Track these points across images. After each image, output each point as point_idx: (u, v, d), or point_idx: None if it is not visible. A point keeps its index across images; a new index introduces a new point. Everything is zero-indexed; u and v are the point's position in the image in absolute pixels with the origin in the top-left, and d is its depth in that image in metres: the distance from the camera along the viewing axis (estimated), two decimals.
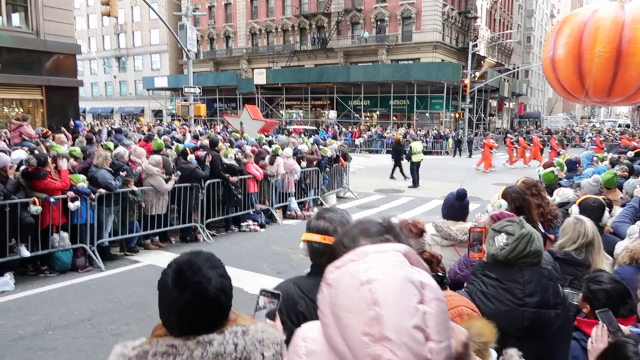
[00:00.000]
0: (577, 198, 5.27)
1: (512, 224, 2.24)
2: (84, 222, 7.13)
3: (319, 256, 1.93)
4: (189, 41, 19.98)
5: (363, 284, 0.93)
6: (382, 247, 1.03)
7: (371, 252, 1.01)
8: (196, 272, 1.33)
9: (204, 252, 1.42)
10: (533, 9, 72.52)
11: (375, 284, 0.93)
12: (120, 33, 58.03)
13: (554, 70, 8.08)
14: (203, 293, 1.31)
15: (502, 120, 57.86)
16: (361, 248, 1.04)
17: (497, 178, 17.36)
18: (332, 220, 1.94)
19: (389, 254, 1.01)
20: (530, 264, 2.18)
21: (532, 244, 2.17)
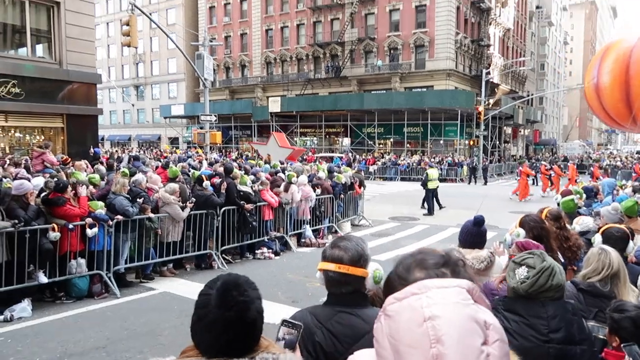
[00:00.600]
0: (597, 227, 5.18)
1: (533, 256, 2.20)
2: (101, 249, 7.20)
3: (334, 285, 1.94)
4: (205, 70, 20.43)
5: (426, 320, 0.91)
6: (445, 282, 1.01)
7: (434, 286, 0.99)
8: (242, 292, 1.37)
9: (242, 275, 1.47)
10: (546, 37, 72.87)
11: (439, 321, 0.91)
12: (139, 63, 59.56)
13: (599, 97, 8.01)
14: (245, 313, 1.35)
15: (517, 148, 57.52)
16: (423, 282, 1.02)
17: (514, 206, 17.16)
18: (347, 248, 1.94)
19: (452, 289, 0.99)
20: (553, 298, 2.12)
21: (554, 277, 2.12)
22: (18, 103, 13.79)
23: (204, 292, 1.41)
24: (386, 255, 9.96)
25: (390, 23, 41.34)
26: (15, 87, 13.68)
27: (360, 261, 1.93)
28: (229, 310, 1.33)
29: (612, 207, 5.79)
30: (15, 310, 6.23)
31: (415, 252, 1.20)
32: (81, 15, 15.44)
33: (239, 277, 1.44)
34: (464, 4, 40.83)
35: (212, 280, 1.44)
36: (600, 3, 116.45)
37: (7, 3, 14.27)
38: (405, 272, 1.12)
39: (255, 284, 1.46)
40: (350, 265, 1.90)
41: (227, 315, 1.33)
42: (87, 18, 15.79)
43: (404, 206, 18.18)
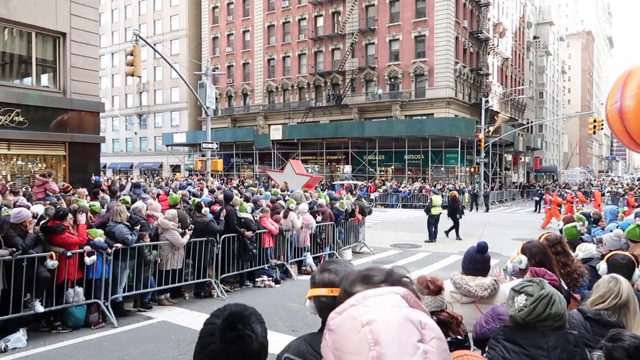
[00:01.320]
0: (600, 254, 5.11)
1: (532, 284, 2.14)
2: (99, 277, 7.11)
3: (328, 310, 1.86)
4: (208, 99, 20.66)
5: (364, 325, 0.95)
6: (380, 291, 1.05)
7: (370, 295, 1.03)
8: (247, 325, 1.34)
9: (249, 307, 1.44)
10: (544, 66, 73.90)
11: (375, 325, 0.94)
12: (142, 92, 60.34)
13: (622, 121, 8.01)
14: (249, 348, 1.32)
15: (518, 174, 57.62)
16: (361, 293, 1.06)
17: (516, 233, 17.04)
18: (337, 271, 1.88)
19: (387, 296, 1.03)
20: (553, 328, 2.06)
21: (553, 306, 2.05)
22: (21, 131, 13.90)
23: (210, 322, 1.38)
24: None
25: (390, 53, 42.02)
26: (19, 115, 13.82)
27: None
28: (232, 343, 1.31)
29: (615, 234, 5.73)
30: (10, 341, 6.12)
31: (363, 269, 1.25)
32: (86, 45, 15.72)
33: (245, 308, 1.41)
34: (462, 35, 41.56)
35: (219, 309, 1.41)
36: (596, 33, 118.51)
37: (14, 34, 14.56)
38: (349, 287, 1.19)
39: (261, 316, 1.43)
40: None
41: (230, 348, 1.31)
42: (92, 48, 16.07)
43: (406, 233, 18.07)
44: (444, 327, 2.46)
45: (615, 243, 5.53)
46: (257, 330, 1.35)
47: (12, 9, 13.72)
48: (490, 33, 46.26)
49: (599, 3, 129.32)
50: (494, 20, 48.38)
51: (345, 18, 43.52)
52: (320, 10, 45.70)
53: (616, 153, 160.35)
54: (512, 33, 56.37)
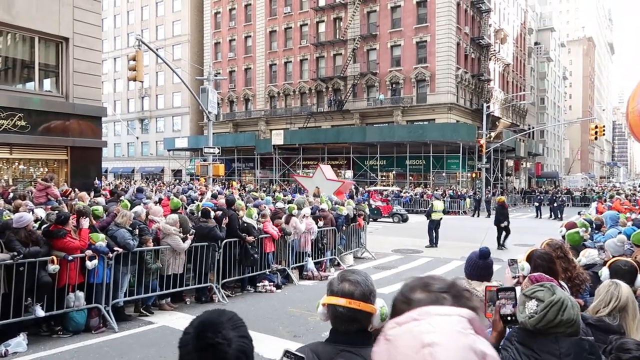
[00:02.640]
0: (602, 260, 5.08)
1: (543, 289, 2.10)
2: (100, 282, 7.10)
3: (343, 322, 1.85)
4: (209, 104, 20.68)
5: (425, 346, 0.90)
6: (447, 310, 1.00)
7: (435, 313, 0.98)
8: (217, 333, 1.29)
9: (228, 312, 1.40)
10: (545, 72, 73.97)
11: (437, 348, 0.89)
12: (144, 97, 60.49)
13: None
14: (224, 356, 1.27)
15: (519, 180, 57.56)
16: (425, 308, 1.01)
17: (519, 239, 16.99)
18: (357, 283, 1.86)
19: (453, 317, 0.97)
20: (566, 334, 2.01)
21: (564, 312, 2.00)
22: (23, 136, 13.94)
23: (185, 331, 1.35)
24: (389, 289, 9.80)
25: (391, 58, 42.11)
26: (22, 120, 13.86)
27: (370, 297, 1.86)
28: (204, 352, 1.28)
29: (618, 240, 5.70)
30: (10, 345, 6.10)
31: (425, 276, 1.21)
32: (89, 50, 15.79)
33: (221, 315, 1.37)
34: (463, 40, 41.65)
35: (194, 319, 1.38)
36: (597, 40, 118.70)
37: (17, 39, 14.63)
38: (408, 292, 1.13)
39: (241, 321, 1.38)
40: (362, 301, 1.82)
41: (205, 357, 1.28)
42: (94, 53, 16.13)
43: (407, 238, 18.03)
44: None
45: (619, 249, 5.51)
46: (229, 336, 1.30)
47: (16, 14, 13.78)
48: (491, 39, 46.36)
49: (600, 10, 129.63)
50: (495, 26, 48.49)
51: (347, 24, 43.66)
52: (322, 16, 45.86)
53: (618, 159, 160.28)
54: (514, 39, 56.48)
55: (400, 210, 26.64)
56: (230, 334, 1.30)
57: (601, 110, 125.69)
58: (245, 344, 1.33)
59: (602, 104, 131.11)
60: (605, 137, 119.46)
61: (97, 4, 16.48)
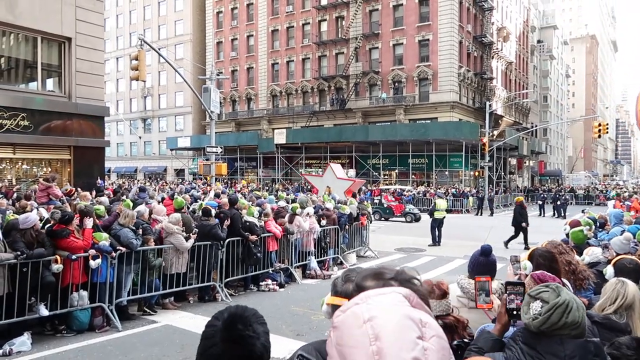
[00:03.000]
0: (606, 258, 5.06)
1: (548, 290, 2.06)
2: (104, 281, 7.11)
3: None
4: (212, 103, 20.68)
5: (365, 321, 0.98)
6: (383, 290, 1.09)
7: (373, 295, 1.07)
8: (248, 326, 1.33)
9: (250, 308, 1.43)
10: (548, 70, 73.76)
11: (376, 321, 0.97)
12: (147, 96, 60.59)
13: None
14: (251, 349, 1.31)
15: (522, 179, 57.42)
16: (365, 292, 1.09)
17: (522, 237, 16.91)
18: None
19: (389, 295, 1.06)
20: (571, 336, 1.98)
21: (569, 314, 1.96)
22: (26, 135, 13.98)
23: (211, 324, 1.37)
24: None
25: (394, 57, 42.05)
26: (25, 119, 13.89)
27: None
28: (234, 344, 1.30)
29: (625, 237, 5.67)
30: (14, 344, 6.12)
31: (379, 266, 1.29)
32: (92, 50, 15.81)
33: (246, 309, 1.40)
34: (466, 39, 41.55)
35: (220, 312, 1.40)
36: (600, 37, 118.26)
37: (20, 39, 14.65)
38: (360, 281, 1.23)
39: (263, 318, 1.42)
40: None
41: (233, 350, 1.30)
42: (97, 53, 16.16)
43: (410, 237, 18.02)
44: (450, 331, 2.43)
45: (624, 247, 5.48)
46: (258, 331, 1.34)
47: (18, 14, 13.81)
48: (494, 37, 46.23)
49: (603, 7, 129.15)
50: (497, 24, 48.35)
51: (349, 22, 43.61)
52: (324, 15, 45.82)
53: (621, 157, 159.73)
54: (516, 37, 56.30)
55: (413, 209, 26.38)
56: (259, 329, 1.35)
57: (604, 108, 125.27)
58: (268, 340, 1.37)
59: (605, 101, 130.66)
60: (609, 135, 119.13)
61: (100, 4, 16.51)
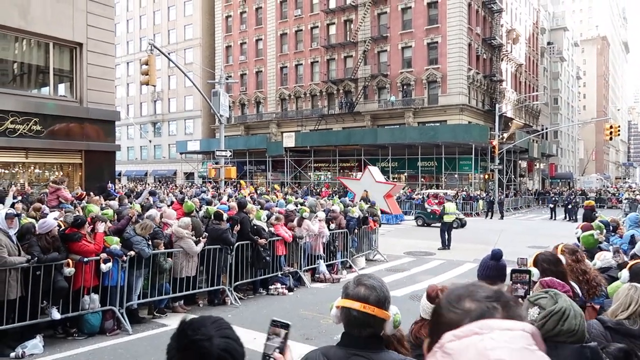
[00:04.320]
0: (616, 263, 5.01)
1: (546, 296, 2.05)
2: (115, 284, 7.17)
3: (356, 326, 1.84)
4: (221, 107, 20.81)
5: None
6: (509, 324, 0.97)
7: (497, 328, 0.95)
8: (196, 330, 1.32)
9: (213, 316, 1.42)
10: (559, 72, 73.21)
11: None
12: (157, 100, 61.06)
13: None
14: (205, 351, 1.29)
15: (533, 181, 56.97)
16: (486, 321, 0.97)
17: (532, 241, 16.81)
18: (373, 287, 1.86)
19: (517, 333, 0.94)
20: (567, 342, 1.96)
21: (565, 322, 1.95)
22: (39, 140, 14.14)
23: (171, 336, 1.38)
24: (402, 291, 9.77)
25: (402, 60, 41.99)
26: (37, 124, 14.05)
27: (385, 303, 1.86)
28: (186, 350, 1.30)
29: None
30: (27, 347, 6.18)
31: (467, 283, 1.16)
32: (102, 55, 15.97)
33: (205, 318, 1.38)
34: (475, 41, 41.40)
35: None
36: (612, 38, 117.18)
37: (32, 45, 14.85)
38: (455, 301, 1.08)
39: (226, 324, 1.39)
40: (376, 307, 1.82)
41: (186, 357, 1.30)
42: (108, 58, 16.32)
43: (420, 240, 17.94)
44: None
45: None
46: (209, 334, 1.31)
47: (31, 20, 14.00)
48: (503, 39, 45.99)
49: (614, 8, 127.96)
50: (507, 26, 48.11)
51: (357, 26, 43.65)
52: (332, 19, 45.91)
53: (633, 159, 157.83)
54: (526, 39, 55.98)
55: (459, 214, 24.08)
56: (211, 332, 1.32)
57: (616, 110, 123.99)
58: (229, 344, 1.33)
59: (616, 103, 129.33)
60: (620, 137, 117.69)
61: (110, 10, 16.68)
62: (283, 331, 1.70)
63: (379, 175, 20.96)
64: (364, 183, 19.43)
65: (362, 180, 20.45)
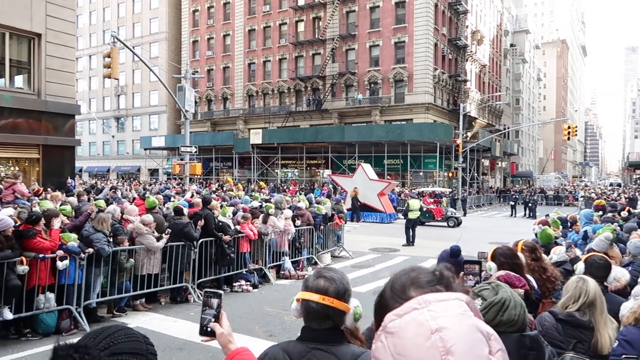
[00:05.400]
0: (568, 257, 5.21)
1: (488, 288, 2.11)
2: (72, 282, 6.94)
3: (315, 318, 1.83)
4: (187, 102, 20.45)
5: (433, 332, 0.90)
6: (444, 296, 1.01)
7: (434, 300, 0.98)
8: (70, 357, 1.14)
9: (106, 329, 1.25)
10: (520, 73, 75.35)
11: (447, 332, 0.90)
12: (120, 95, 59.52)
13: None
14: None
15: (495, 179, 58.51)
16: (423, 296, 1.01)
17: (494, 237, 17.26)
18: (332, 279, 1.84)
19: (452, 302, 0.99)
20: (508, 332, 2.03)
21: (505, 312, 2.01)
22: None
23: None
24: (366, 287, 9.87)
25: (370, 58, 42.32)
26: None
27: (345, 295, 1.85)
28: None
29: (605, 237, 5.85)
30: None
31: (408, 269, 1.20)
32: (62, 47, 15.46)
33: (86, 335, 1.23)
34: (441, 41, 42.12)
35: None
36: (571, 42, 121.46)
37: None
38: (400, 291, 1.11)
39: (117, 335, 1.23)
40: (335, 298, 1.81)
41: None
42: (68, 50, 15.80)
43: (384, 237, 18.14)
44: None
45: (603, 245, 5.66)
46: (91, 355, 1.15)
47: None
48: (468, 40, 46.98)
49: (574, 13, 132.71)
50: (472, 27, 49.16)
51: (325, 23, 43.71)
52: (301, 15, 45.81)
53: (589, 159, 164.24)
54: (490, 40, 57.36)
55: (455, 212, 24.42)
56: (93, 352, 1.16)
57: (574, 111, 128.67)
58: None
59: (574, 104, 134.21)
60: (578, 137, 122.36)
61: (71, 0, 16.15)
62: (216, 301, 1.74)
63: (372, 173, 20.69)
64: (356, 181, 19.19)
65: (354, 177, 20.22)
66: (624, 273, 4.12)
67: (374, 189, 17.21)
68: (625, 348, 2.74)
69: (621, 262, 5.51)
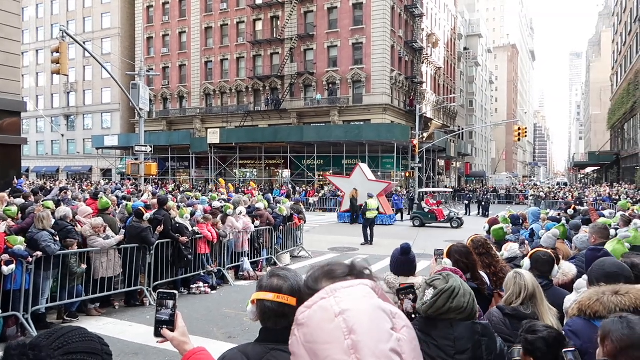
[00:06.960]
0: (522, 253, 5.44)
1: (440, 277, 2.21)
2: (19, 288, 6.63)
3: (271, 317, 1.80)
4: (141, 100, 19.91)
5: (337, 315, 0.95)
6: (349, 283, 1.06)
7: (340, 287, 1.03)
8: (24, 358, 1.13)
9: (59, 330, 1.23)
10: (474, 76, 77.76)
11: (349, 314, 0.94)
12: (70, 92, 57.22)
13: None
14: None
15: (450, 179, 60.12)
16: (330, 286, 1.05)
17: (449, 235, 17.75)
18: (286, 278, 1.84)
19: (357, 287, 1.03)
20: (459, 319, 2.13)
21: (455, 299, 2.10)
22: None
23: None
24: None
25: (328, 59, 42.55)
26: None
27: (299, 292, 1.87)
28: None
29: (552, 233, 6.10)
30: None
31: (324, 264, 1.25)
32: (6, 40, 14.73)
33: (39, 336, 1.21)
34: (398, 43, 42.87)
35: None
36: (520, 47, 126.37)
37: None
38: (313, 283, 1.18)
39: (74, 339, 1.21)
40: (290, 295, 1.79)
41: None
42: (13, 44, 15.08)
43: (344, 237, 18.30)
44: None
45: (551, 241, 5.91)
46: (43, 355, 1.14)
47: None
48: (424, 43, 48.04)
49: (523, 19, 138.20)
50: (427, 30, 50.29)
51: (284, 23, 43.60)
52: (259, 14, 45.50)
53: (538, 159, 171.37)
54: (445, 44, 58.86)
55: (457, 213, 24.33)
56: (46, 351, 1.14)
57: (524, 113, 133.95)
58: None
59: (524, 107, 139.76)
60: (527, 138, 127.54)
61: None
62: (171, 302, 1.73)
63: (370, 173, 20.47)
64: (354, 181, 19.04)
65: (352, 178, 20.03)
66: (571, 268, 4.33)
67: (374, 189, 17.20)
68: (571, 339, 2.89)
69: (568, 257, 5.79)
